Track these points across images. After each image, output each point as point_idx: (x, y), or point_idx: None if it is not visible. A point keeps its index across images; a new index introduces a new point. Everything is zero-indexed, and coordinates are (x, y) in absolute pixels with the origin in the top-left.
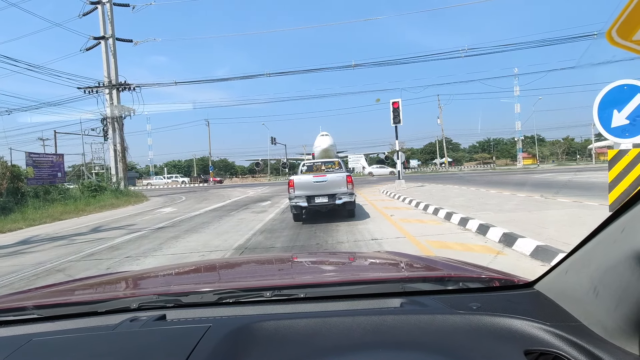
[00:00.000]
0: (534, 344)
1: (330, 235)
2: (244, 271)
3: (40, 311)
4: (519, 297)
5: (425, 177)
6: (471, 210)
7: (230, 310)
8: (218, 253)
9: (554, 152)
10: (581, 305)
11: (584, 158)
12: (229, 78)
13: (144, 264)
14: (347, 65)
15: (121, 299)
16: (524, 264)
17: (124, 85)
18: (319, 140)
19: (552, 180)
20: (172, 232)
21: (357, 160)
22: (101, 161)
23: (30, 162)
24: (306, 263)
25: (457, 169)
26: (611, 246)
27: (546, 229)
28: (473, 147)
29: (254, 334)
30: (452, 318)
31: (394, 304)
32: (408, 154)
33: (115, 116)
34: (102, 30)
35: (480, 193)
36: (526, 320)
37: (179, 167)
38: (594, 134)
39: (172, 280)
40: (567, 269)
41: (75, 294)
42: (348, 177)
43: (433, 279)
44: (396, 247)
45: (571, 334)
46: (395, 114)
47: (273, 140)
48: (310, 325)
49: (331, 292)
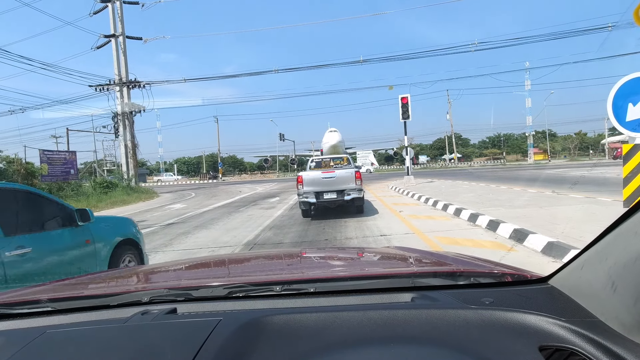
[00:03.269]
0: (549, 340)
1: (338, 231)
2: (254, 266)
3: (54, 304)
4: (533, 292)
5: (435, 173)
6: (481, 206)
7: (240, 304)
8: (227, 249)
9: (565, 148)
10: (597, 300)
11: (597, 153)
12: (237, 75)
13: (155, 259)
14: (356, 61)
15: (132, 292)
16: (535, 260)
17: (134, 82)
18: (327, 136)
19: (564, 175)
20: (182, 228)
21: (366, 156)
22: (112, 158)
23: (44, 160)
24: (315, 258)
25: (467, 164)
26: (631, 240)
27: (558, 225)
28: (483, 143)
29: (264, 328)
30: (464, 313)
31: (404, 298)
32: (417, 149)
33: (126, 113)
34: (112, 28)
35: (490, 189)
36: (541, 315)
37: (189, 163)
38: (607, 128)
39: (182, 275)
40: (582, 264)
41: (88, 287)
42: (357, 173)
43: (444, 273)
44: (405, 243)
45: (587, 330)
46: (404, 109)
47: (281, 137)
48: (321, 319)
49: (341, 286)
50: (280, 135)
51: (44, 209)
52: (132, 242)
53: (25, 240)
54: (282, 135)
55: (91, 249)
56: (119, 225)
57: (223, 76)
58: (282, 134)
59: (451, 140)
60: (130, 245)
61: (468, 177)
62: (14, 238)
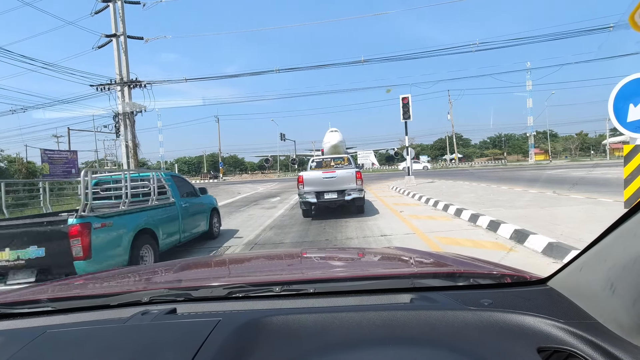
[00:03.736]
0: (547, 341)
1: (339, 231)
2: (254, 266)
3: (54, 304)
4: (532, 294)
5: (435, 173)
6: (482, 207)
7: (239, 305)
8: (228, 249)
9: (566, 148)
10: (596, 302)
11: (598, 154)
12: (238, 74)
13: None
14: (357, 61)
15: (133, 292)
16: (535, 261)
17: (135, 82)
18: (328, 136)
19: (564, 176)
20: None
21: (367, 156)
22: (113, 158)
23: (45, 159)
24: (315, 258)
25: (468, 165)
26: (630, 241)
27: (559, 225)
28: (484, 143)
29: (263, 328)
30: (463, 314)
31: (403, 299)
32: (418, 150)
33: (127, 113)
34: (113, 28)
35: (491, 189)
36: (539, 317)
37: (190, 163)
38: (608, 129)
39: (182, 275)
40: (581, 266)
41: (88, 287)
42: (357, 173)
43: (443, 274)
44: (405, 243)
45: (586, 332)
46: (405, 109)
47: (282, 137)
48: (320, 320)
49: (340, 287)
50: (281, 135)
51: (189, 187)
52: (216, 209)
53: (185, 200)
54: (283, 135)
55: (205, 207)
56: (212, 200)
57: (224, 76)
58: (283, 134)
59: (452, 140)
60: (215, 210)
61: (469, 177)
62: (183, 199)
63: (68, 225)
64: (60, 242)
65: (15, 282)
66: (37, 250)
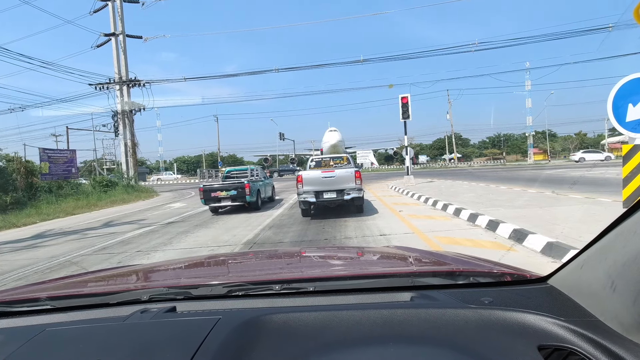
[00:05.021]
0: (548, 339)
1: (338, 230)
2: (253, 265)
3: (53, 302)
4: (532, 292)
5: (434, 173)
6: (481, 206)
7: (239, 303)
8: (227, 248)
9: (565, 148)
10: (597, 300)
11: None
12: (237, 74)
13: (155, 257)
14: (356, 60)
15: (132, 291)
16: (534, 260)
17: (134, 81)
18: (327, 135)
19: (563, 176)
20: (181, 227)
21: (366, 156)
22: (112, 157)
23: (44, 158)
24: (315, 257)
25: (467, 164)
26: (630, 239)
27: (557, 225)
28: (483, 143)
29: (263, 326)
30: (464, 312)
31: (403, 297)
32: (417, 149)
33: (126, 112)
34: (112, 27)
35: (490, 189)
36: (540, 315)
37: (189, 162)
38: (607, 128)
39: (182, 273)
40: (582, 264)
41: (88, 285)
42: (357, 172)
43: (443, 273)
44: (405, 242)
45: (586, 330)
46: (404, 109)
47: (282, 136)
48: (320, 318)
49: (340, 285)
50: (280, 134)
51: (264, 174)
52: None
53: (264, 180)
54: (282, 134)
55: (271, 184)
56: (272, 181)
57: (223, 75)
58: (282, 133)
59: (451, 140)
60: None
61: (468, 177)
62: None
63: (244, 182)
64: (242, 188)
65: (225, 204)
66: (234, 191)
